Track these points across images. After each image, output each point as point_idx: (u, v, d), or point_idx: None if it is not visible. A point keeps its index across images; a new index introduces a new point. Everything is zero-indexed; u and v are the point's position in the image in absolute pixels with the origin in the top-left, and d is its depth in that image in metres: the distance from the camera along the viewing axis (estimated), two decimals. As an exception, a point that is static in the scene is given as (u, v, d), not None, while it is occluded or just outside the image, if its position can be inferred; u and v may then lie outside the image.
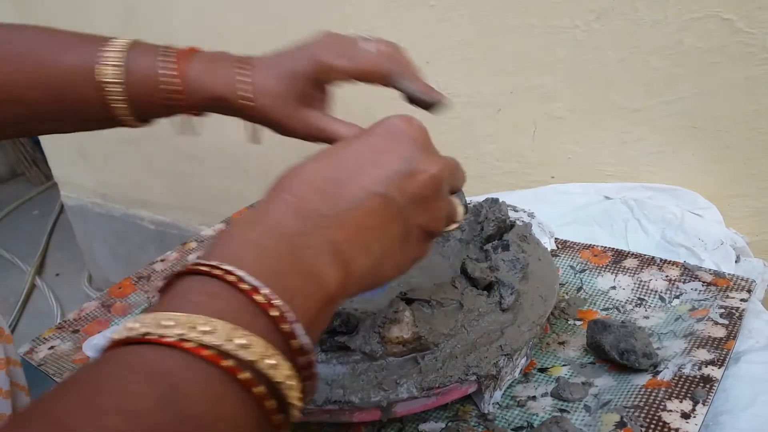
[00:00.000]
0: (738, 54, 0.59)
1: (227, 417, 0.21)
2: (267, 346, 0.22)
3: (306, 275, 0.25)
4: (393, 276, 0.31)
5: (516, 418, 0.41)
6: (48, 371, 0.51)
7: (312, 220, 0.27)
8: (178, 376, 0.20)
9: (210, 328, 0.21)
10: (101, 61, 0.42)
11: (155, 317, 0.21)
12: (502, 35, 0.72)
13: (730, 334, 0.43)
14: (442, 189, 0.31)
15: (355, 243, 0.28)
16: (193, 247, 0.69)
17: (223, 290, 0.23)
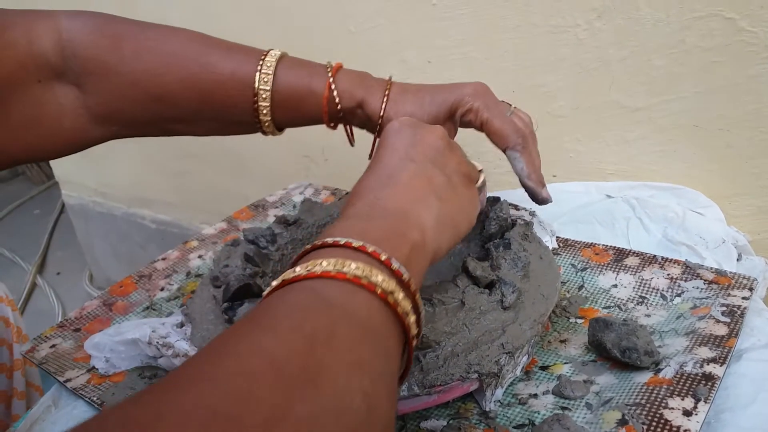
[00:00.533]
0: (740, 53, 0.59)
1: (362, 303, 0.27)
2: (370, 269, 0.28)
3: (385, 229, 0.32)
4: (465, 219, 0.37)
5: (517, 416, 0.41)
6: (49, 369, 0.51)
7: (374, 201, 0.34)
8: (319, 288, 0.27)
9: (327, 263, 0.28)
10: (262, 69, 0.46)
11: (288, 272, 0.28)
12: (504, 34, 0.72)
13: (732, 332, 0.43)
14: (447, 143, 0.39)
15: (413, 199, 0.35)
16: (195, 245, 0.69)
17: (327, 250, 0.30)
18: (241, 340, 0.24)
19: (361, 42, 0.85)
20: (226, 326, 0.44)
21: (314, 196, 0.79)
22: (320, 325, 0.25)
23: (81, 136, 0.49)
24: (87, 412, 0.47)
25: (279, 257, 0.54)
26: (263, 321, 0.25)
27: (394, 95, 0.47)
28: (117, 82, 0.47)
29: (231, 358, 0.22)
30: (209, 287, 0.50)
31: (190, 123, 0.50)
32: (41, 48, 0.45)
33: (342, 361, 0.24)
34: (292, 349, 0.23)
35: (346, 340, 0.25)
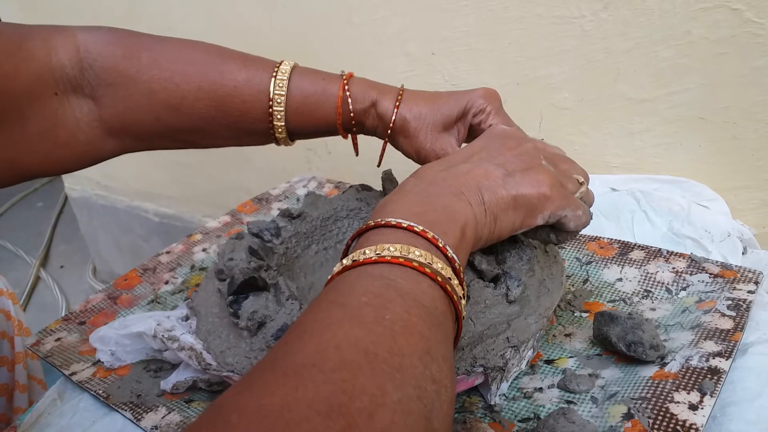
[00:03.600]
0: (746, 44, 0.58)
1: (426, 291, 0.30)
2: (431, 256, 0.32)
3: (440, 210, 0.35)
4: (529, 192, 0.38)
5: (523, 410, 0.41)
6: (55, 363, 0.51)
7: (432, 180, 0.38)
8: (389, 275, 0.30)
9: (394, 248, 0.31)
10: (277, 76, 0.48)
11: (357, 252, 0.32)
12: (508, 25, 0.71)
13: (738, 326, 0.43)
14: (528, 151, 0.41)
15: (467, 186, 0.37)
16: (199, 239, 0.69)
17: (390, 231, 0.33)
18: (336, 331, 0.26)
19: (364, 34, 0.84)
20: (231, 320, 0.44)
21: (318, 189, 0.78)
22: (397, 315, 0.28)
23: (94, 149, 0.49)
24: (93, 405, 0.47)
25: (283, 250, 0.54)
26: (349, 308, 0.28)
27: (407, 96, 0.49)
28: (134, 91, 0.47)
29: (332, 350, 0.25)
30: (214, 280, 0.50)
31: (205, 133, 0.50)
32: (59, 61, 0.46)
33: (417, 348, 0.27)
34: (379, 341, 0.26)
35: (418, 328, 0.28)
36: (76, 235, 1.73)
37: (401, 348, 0.26)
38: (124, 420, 0.45)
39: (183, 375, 0.47)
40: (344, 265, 0.32)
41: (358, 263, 0.31)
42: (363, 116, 0.50)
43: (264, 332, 0.43)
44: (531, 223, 0.39)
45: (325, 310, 0.28)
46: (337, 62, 0.90)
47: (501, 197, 0.37)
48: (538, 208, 0.38)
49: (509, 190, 0.37)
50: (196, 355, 0.44)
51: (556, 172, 0.40)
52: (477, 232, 0.36)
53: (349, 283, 0.30)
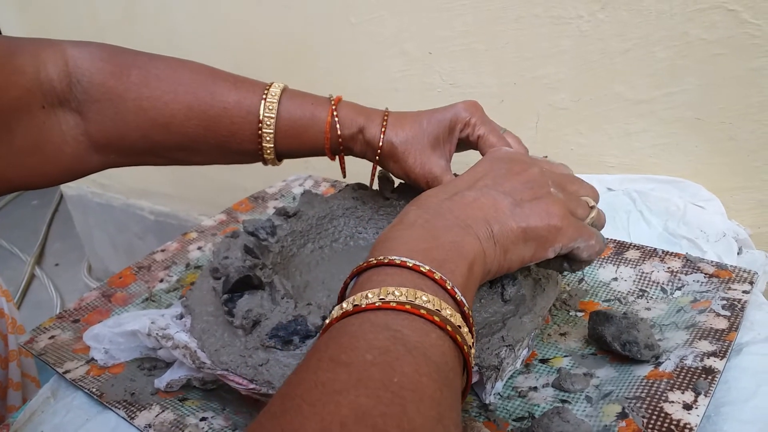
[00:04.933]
0: (743, 45, 0.58)
1: (435, 343, 0.28)
2: (439, 301, 0.29)
3: (448, 246, 0.33)
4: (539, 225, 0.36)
5: (517, 409, 0.41)
6: (48, 361, 0.51)
7: (437, 210, 0.36)
8: (395, 325, 0.28)
9: (399, 293, 0.29)
10: (267, 99, 0.48)
11: (359, 295, 0.29)
12: (506, 25, 0.71)
13: (732, 326, 0.43)
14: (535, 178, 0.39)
15: (475, 218, 0.35)
16: (194, 237, 0.68)
17: (394, 270, 0.31)
18: (341, 402, 0.24)
19: (362, 33, 0.84)
20: (226, 318, 0.44)
21: (314, 187, 0.78)
22: (406, 376, 0.25)
23: (80, 163, 0.49)
24: (86, 403, 0.47)
25: (279, 249, 0.54)
26: (354, 370, 0.25)
27: (392, 120, 0.49)
28: (122, 108, 0.47)
29: (336, 427, 0.23)
30: (209, 279, 0.49)
31: (192, 151, 0.51)
32: (48, 75, 0.46)
33: (428, 418, 0.24)
34: (388, 412, 0.24)
35: (429, 392, 0.26)
36: (71, 232, 1.73)
37: (412, 420, 0.24)
38: (118, 418, 0.45)
39: (177, 373, 0.47)
40: (344, 309, 0.29)
41: (359, 309, 0.29)
42: (351, 141, 0.50)
43: (259, 331, 0.43)
44: (542, 256, 0.37)
45: (326, 370, 0.26)
46: (334, 62, 0.90)
47: (510, 229, 0.35)
48: (549, 240, 0.36)
49: (518, 222, 0.35)
50: (191, 353, 0.44)
51: (565, 197, 0.39)
52: (486, 266, 0.34)
53: (351, 334, 0.28)
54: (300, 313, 0.43)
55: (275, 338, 0.42)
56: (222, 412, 0.45)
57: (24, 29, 1.35)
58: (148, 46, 1.18)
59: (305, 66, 0.94)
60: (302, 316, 0.42)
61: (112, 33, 1.17)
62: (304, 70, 0.94)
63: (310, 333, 0.42)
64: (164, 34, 1.09)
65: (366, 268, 0.32)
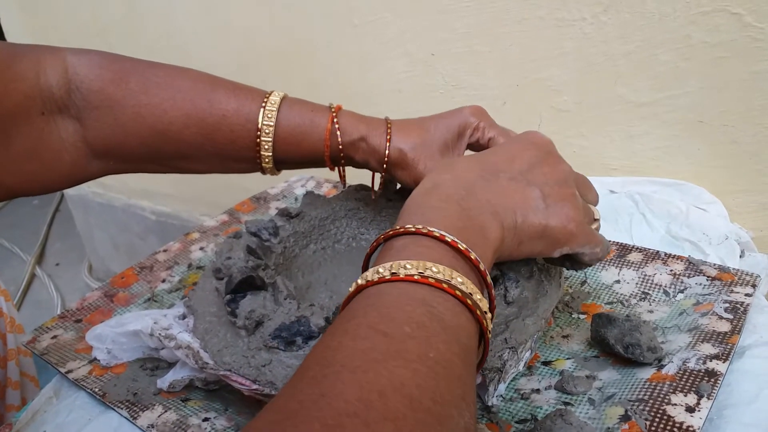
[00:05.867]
0: (746, 49, 0.58)
1: (464, 326, 0.29)
2: (472, 285, 0.30)
3: (477, 229, 0.34)
4: (557, 227, 0.37)
5: (520, 411, 0.41)
6: (51, 360, 0.51)
7: (472, 188, 0.36)
8: (432, 301, 0.29)
9: (437, 269, 0.29)
10: (266, 107, 0.48)
11: (397, 264, 0.30)
12: (509, 27, 0.71)
13: (735, 329, 0.43)
14: (566, 178, 0.39)
15: (504, 206, 0.36)
16: (196, 237, 0.68)
17: (432, 243, 0.31)
18: (380, 371, 0.25)
19: (364, 35, 0.84)
20: (228, 318, 0.44)
21: (316, 188, 0.78)
22: (440, 353, 0.26)
23: (78, 170, 0.49)
24: (89, 403, 0.47)
25: (281, 250, 0.54)
26: (393, 340, 0.26)
27: (396, 127, 0.49)
28: (121, 116, 0.47)
29: (375, 396, 0.23)
30: (211, 279, 0.49)
31: (190, 159, 0.50)
32: (47, 81, 0.46)
33: (455, 395, 0.26)
34: (423, 384, 0.25)
35: (457, 371, 0.27)
36: (71, 232, 1.73)
37: (443, 395, 0.25)
38: (120, 418, 0.45)
39: (180, 374, 0.47)
40: (381, 275, 0.30)
41: (397, 278, 0.29)
42: (351, 149, 0.50)
43: (261, 331, 0.43)
44: (548, 254, 0.38)
45: (366, 338, 0.26)
46: (336, 63, 0.90)
47: (532, 224, 0.36)
48: (560, 242, 0.37)
49: (540, 219, 0.36)
50: (194, 353, 0.44)
51: (582, 203, 0.40)
52: (500, 253, 0.35)
53: (390, 304, 0.28)
54: (303, 314, 0.43)
55: (278, 339, 0.42)
56: (225, 413, 0.45)
57: (26, 29, 1.35)
58: (149, 45, 1.19)
59: (308, 67, 0.94)
60: (305, 317, 0.42)
61: (114, 33, 1.18)
62: (307, 71, 0.95)
63: (313, 334, 0.42)
64: (166, 34, 1.09)
65: (403, 233, 0.32)
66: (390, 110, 0.87)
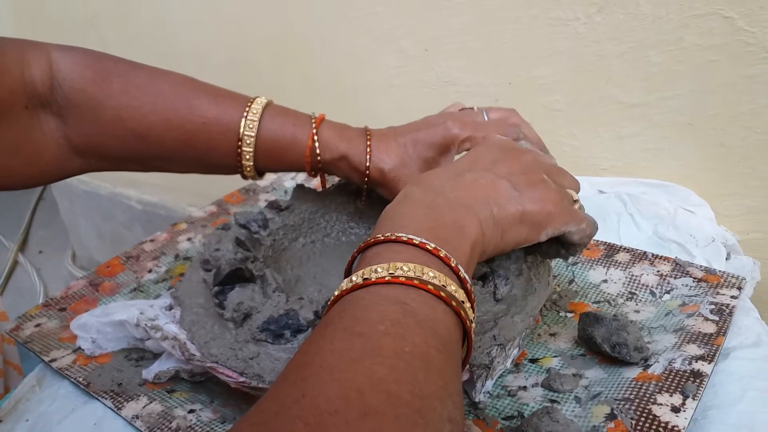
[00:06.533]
0: (738, 53, 0.59)
1: (441, 318, 0.29)
2: (445, 278, 0.31)
3: (450, 225, 0.34)
4: (534, 209, 0.37)
5: (507, 408, 0.41)
6: (34, 348, 0.50)
7: (440, 190, 0.36)
8: (405, 299, 0.29)
9: (407, 268, 0.30)
10: (248, 116, 0.48)
11: (369, 269, 0.30)
12: (503, 25, 0.71)
13: (720, 331, 0.43)
14: (530, 166, 0.40)
15: (476, 199, 0.36)
16: (184, 228, 0.68)
17: (402, 248, 0.32)
18: (357, 369, 0.25)
19: (358, 28, 0.84)
20: (216, 310, 0.44)
21: (306, 181, 0.78)
22: (416, 347, 0.27)
23: (59, 166, 0.49)
24: (72, 392, 0.46)
25: (270, 243, 0.53)
26: (368, 340, 0.27)
27: (375, 144, 0.49)
28: (101, 116, 0.47)
29: (354, 394, 0.24)
30: (199, 270, 0.49)
31: (172, 162, 0.50)
32: (31, 76, 0.45)
33: (436, 387, 0.26)
34: (401, 378, 0.25)
35: (436, 363, 0.27)
36: (55, 220, 1.71)
37: (422, 388, 0.25)
38: (104, 408, 0.44)
39: (165, 365, 0.46)
40: (354, 282, 0.30)
41: (369, 282, 0.30)
42: (332, 166, 0.50)
43: (249, 324, 0.42)
44: (535, 239, 0.38)
45: (342, 339, 0.27)
46: (330, 57, 0.89)
47: (509, 212, 0.36)
48: (542, 224, 0.38)
49: (516, 205, 0.37)
50: (180, 345, 0.43)
51: (555, 187, 0.40)
52: (484, 246, 0.35)
53: (363, 306, 0.29)
54: (292, 307, 0.43)
55: (266, 332, 0.42)
56: (210, 405, 0.44)
57: (14, 12, 1.33)
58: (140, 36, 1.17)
59: (301, 60, 0.94)
60: (294, 310, 0.42)
61: (103, 21, 1.16)
62: (300, 64, 0.94)
63: (301, 327, 0.42)
64: (157, 25, 1.08)
65: (374, 244, 0.33)
66: (382, 105, 0.87)
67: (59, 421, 0.44)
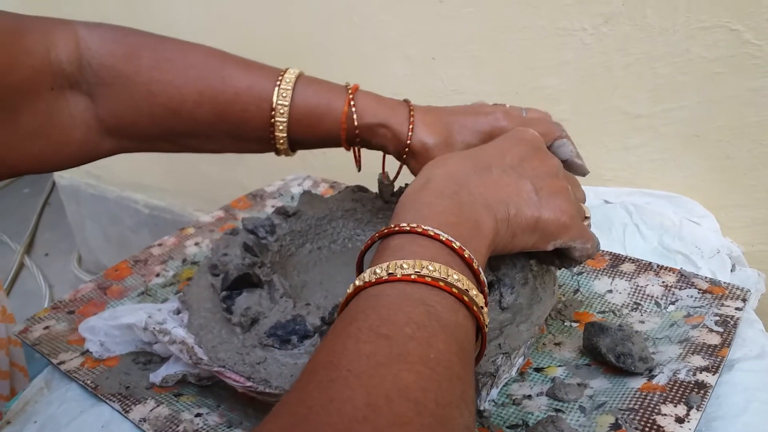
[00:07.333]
0: (743, 65, 0.59)
1: (461, 323, 0.30)
2: (467, 281, 0.30)
3: (471, 223, 0.34)
4: (550, 218, 0.37)
5: (511, 416, 0.41)
6: (43, 351, 0.51)
7: (464, 182, 0.36)
8: (430, 300, 0.29)
9: (433, 268, 0.30)
10: (281, 85, 0.46)
11: (393, 263, 0.30)
12: (510, 35, 0.72)
13: (725, 342, 0.43)
14: (557, 172, 0.40)
15: (497, 198, 0.36)
16: (191, 232, 0.68)
17: (427, 242, 0.32)
18: (385, 374, 0.25)
19: (365, 35, 0.84)
20: (224, 315, 0.44)
21: (312, 188, 0.78)
22: (440, 353, 0.27)
23: (89, 148, 0.48)
24: (80, 395, 0.47)
25: (277, 248, 0.54)
26: (395, 343, 0.26)
27: (419, 117, 0.47)
28: (132, 92, 0.46)
29: (382, 401, 0.24)
30: (207, 275, 0.49)
31: (204, 138, 0.49)
32: (57, 56, 0.44)
33: (455, 395, 0.26)
34: (426, 386, 0.25)
35: (456, 370, 0.27)
36: (61, 222, 1.72)
37: (444, 396, 0.25)
38: (112, 411, 0.44)
39: (173, 368, 0.47)
40: (378, 276, 0.30)
41: (394, 278, 0.30)
42: (368, 134, 0.48)
43: (257, 329, 0.43)
44: (542, 247, 0.38)
45: (368, 341, 0.27)
46: (336, 62, 0.90)
47: (525, 217, 0.36)
48: (554, 234, 0.38)
49: (533, 211, 0.37)
50: (188, 349, 0.44)
51: (574, 199, 0.40)
52: (494, 246, 0.35)
53: (389, 306, 0.29)
54: (299, 312, 0.43)
55: (273, 337, 0.42)
56: (217, 409, 0.45)
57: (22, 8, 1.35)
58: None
59: (307, 66, 0.93)
60: (301, 316, 0.43)
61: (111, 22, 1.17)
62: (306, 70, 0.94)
63: (308, 333, 0.42)
64: (163, 26, 1.08)
65: (397, 232, 0.33)
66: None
67: (67, 424, 0.44)
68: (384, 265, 0.30)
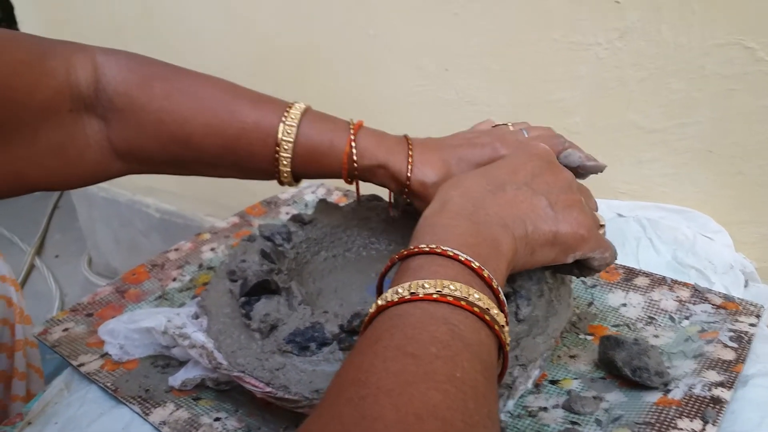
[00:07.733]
0: (758, 82, 0.60)
1: (484, 342, 0.30)
2: (488, 300, 0.31)
3: (489, 243, 0.34)
4: (568, 232, 0.38)
5: (527, 428, 0.42)
6: (62, 353, 0.51)
7: (480, 202, 0.37)
8: (452, 319, 0.29)
9: (455, 287, 0.30)
10: (286, 122, 0.47)
11: (415, 283, 0.31)
12: (524, 47, 0.72)
13: (739, 358, 0.44)
14: (570, 185, 0.41)
15: (513, 216, 0.37)
16: (207, 238, 0.69)
17: (447, 262, 0.32)
18: (413, 393, 0.25)
19: (379, 45, 0.85)
20: (242, 320, 0.45)
21: (326, 196, 0.79)
22: (466, 372, 0.27)
23: (101, 168, 0.49)
24: (100, 397, 0.47)
25: (294, 255, 0.54)
26: (421, 362, 0.27)
27: (417, 155, 0.48)
28: (143, 119, 0.47)
29: (412, 419, 0.24)
30: (225, 281, 0.50)
31: (210, 167, 0.51)
32: (76, 79, 0.46)
33: (482, 414, 0.26)
34: (453, 406, 0.25)
35: (482, 389, 0.27)
36: (72, 225, 1.73)
37: (471, 415, 0.26)
38: (132, 414, 0.45)
39: (191, 372, 0.47)
40: (401, 295, 0.31)
41: (416, 297, 0.30)
42: (368, 174, 0.49)
43: (276, 335, 0.43)
44: (562, 260, 0.39)
45: (394, 360, 0.27)
46: (351, 72, 0.91)
47: (542, 232, 0.37)
48: (573, 247, 0.38)
49: (550, 226, 0.37)
50: (207, 353, 0.44)
51: (589, 210, 0.41)
52: (513, 263, 0.36)
53: (413, 324, 0.29)
54: (317, 320, 0.43)
55: (292, 343, 0.43)
56: (235, 414, 0.45)
57: (40, 24, 1.36)
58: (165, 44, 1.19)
59: (322, 75, 0.95)
60: (320, 324, 0.43)
61: (129, 31, 1.18)
62: (321, 79, 0.96)
63: (327, 341, 0.42)
64: (182, 34, 1.10)
65: (417, 253, 0.33)
66: (402, 121, 0.89)
67: (88, 425, 0.45)
68: (406, 285, 0.31)
